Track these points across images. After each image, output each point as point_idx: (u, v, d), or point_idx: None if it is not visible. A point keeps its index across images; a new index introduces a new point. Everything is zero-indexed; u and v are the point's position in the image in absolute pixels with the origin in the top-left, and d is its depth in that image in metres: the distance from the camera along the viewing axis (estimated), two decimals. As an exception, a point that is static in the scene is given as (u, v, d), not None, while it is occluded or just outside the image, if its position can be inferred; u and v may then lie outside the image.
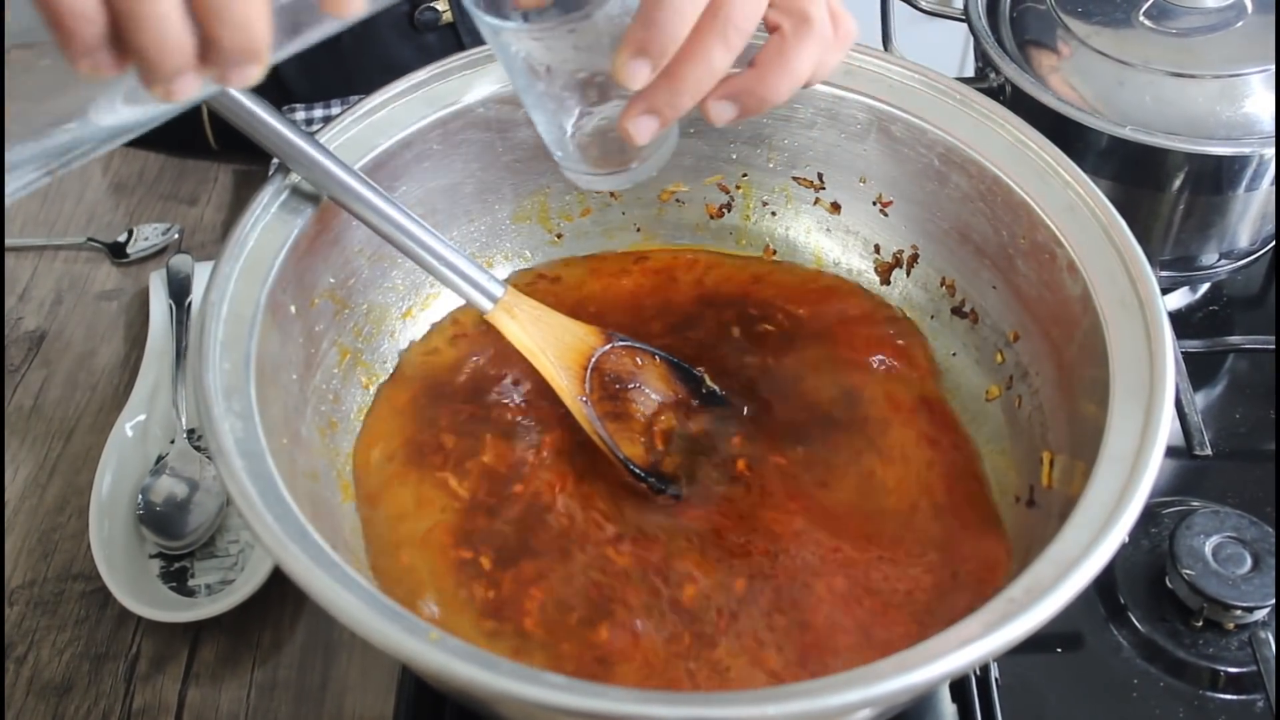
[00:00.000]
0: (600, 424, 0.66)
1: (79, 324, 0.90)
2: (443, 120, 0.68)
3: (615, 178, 0.61)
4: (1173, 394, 0.55)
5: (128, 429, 0.80)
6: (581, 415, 0.66)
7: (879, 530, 0.63)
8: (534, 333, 0.66)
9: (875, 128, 0.70)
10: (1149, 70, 0.80)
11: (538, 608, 0.60)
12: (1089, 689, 0.70)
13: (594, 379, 0.67)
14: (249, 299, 0.59)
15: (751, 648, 0.59)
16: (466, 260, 0.63)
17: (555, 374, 0.66)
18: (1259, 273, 0.92)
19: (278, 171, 0.63)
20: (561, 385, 0.66)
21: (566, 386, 0.66)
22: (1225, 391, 0.85)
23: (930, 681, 0.46)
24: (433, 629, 0.47)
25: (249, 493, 0.51)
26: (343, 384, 0.67)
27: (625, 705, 0.45)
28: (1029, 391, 0.65)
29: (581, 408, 0.66)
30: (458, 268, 0.63)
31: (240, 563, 0.75)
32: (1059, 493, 0.59)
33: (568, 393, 0.66)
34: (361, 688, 0.71)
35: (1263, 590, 0.69)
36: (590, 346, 0.67)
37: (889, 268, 0.74)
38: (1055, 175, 0.64)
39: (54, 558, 0.76)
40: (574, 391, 0.66)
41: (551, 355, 0.66)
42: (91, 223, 0.97)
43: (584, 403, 0.66)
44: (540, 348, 0.66)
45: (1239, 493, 0.78)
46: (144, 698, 0.70)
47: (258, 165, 1.01)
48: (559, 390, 0.66)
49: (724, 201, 0.76)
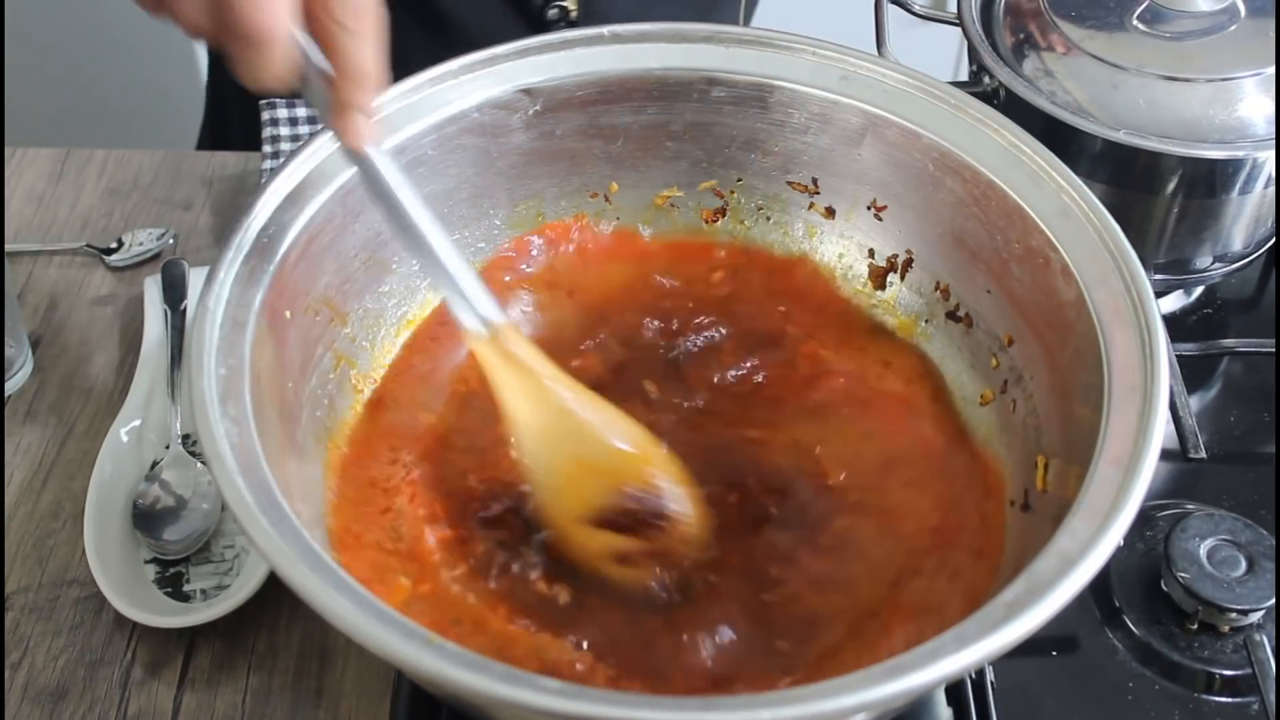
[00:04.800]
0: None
1: (74, 329, 0.90)
2: (438, 125, 0.68)
3: None
4: (1167, 397, 0.55)
5: (122, 434, 0.80)
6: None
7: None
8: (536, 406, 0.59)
9: (869, 133, 0.70)
10: (1143, 74, 0.80)
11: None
12: (1084, 692, 0.70)
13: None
14: (244, 304, 0.59)
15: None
16: (466, 266, 0.60)
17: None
18: (1253, 276, 0.92)
19: (272, 177, 0.63)
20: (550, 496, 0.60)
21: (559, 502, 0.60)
22: (1220, 395, 0.86)
23: (926, 685, 0.46)
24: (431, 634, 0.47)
25: (244, 498, 0.51)
26: (338, 390, 0.67)
27: (621, 709, 0.45)
28: (1023, 395, 0.65)
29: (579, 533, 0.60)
30: (453, 271, 0.59)
31: (235, 568, 0.75)
32: (1054, 496, 0.59)
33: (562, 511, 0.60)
34: (357, 693, 0.71)
35: (1258, 593, 0.69)
36: (619, 478, 0.60)
37: (883, 272, 0.74)
38: (1049, 179, 0.64)
39: (49, 563, 0.76)
40: (571, 512, 0.60)
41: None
42: (86, 228, 0.97)
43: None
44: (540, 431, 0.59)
45: (1234, 496, 0.78)
46: (139, 703, 0.70)
47: (252, 170, 1.01)
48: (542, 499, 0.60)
49: (718, 206, 0.77)
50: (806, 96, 0.71)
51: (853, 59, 0.70)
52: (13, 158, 1.02)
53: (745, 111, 0.72)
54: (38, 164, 1.02)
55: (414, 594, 0.59)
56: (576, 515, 0.60)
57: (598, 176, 0.75)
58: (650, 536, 0.60)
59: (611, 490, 0.60)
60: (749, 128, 0.73)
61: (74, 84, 1.89)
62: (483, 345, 0.60)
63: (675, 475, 0.61)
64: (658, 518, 0.60)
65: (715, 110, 0.73)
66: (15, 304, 0.86)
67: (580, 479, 0.60)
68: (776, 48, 0.71)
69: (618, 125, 0.73)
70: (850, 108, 0.70)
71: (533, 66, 0.70)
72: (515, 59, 0.70)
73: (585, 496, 0.60)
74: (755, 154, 0.74)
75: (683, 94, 0.72)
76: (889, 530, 0.63)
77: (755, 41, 0.71)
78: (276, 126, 0.99)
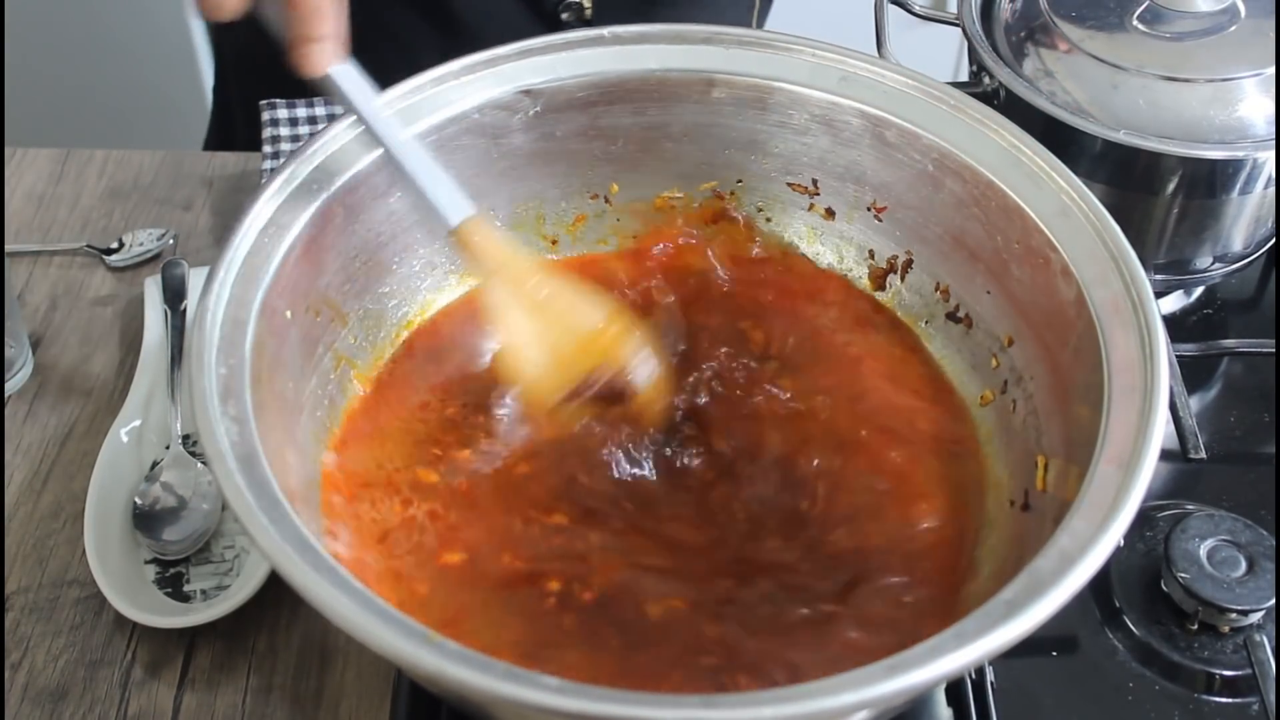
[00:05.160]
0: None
1: (74, 329, 0.90)
2: (438, 126, 0.68)
3: None
4: (1167, 397, 0.55)
5: (122, 434, 0.80)
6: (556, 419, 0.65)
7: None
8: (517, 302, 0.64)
9: (869, 133, 0.70)
10: (1142, 74, 0.80)
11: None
12: (1084, 692, 0.70)
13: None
14: (244, 304, 0.59)
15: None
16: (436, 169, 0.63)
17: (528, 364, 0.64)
18: (1253, 276, 0.92)
19: (272, 176, 0.63)
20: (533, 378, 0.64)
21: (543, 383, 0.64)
22: (1220, 395, 0.86)
23: (925, 684, 0.46)
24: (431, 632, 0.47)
25: (245, 497, 0.51)
26: (338, 390, 0.67)
27: (622, 707, 0.45)
28: (1023, 396, 0.65)
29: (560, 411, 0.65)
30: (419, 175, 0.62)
31: (235, 568, 0.75)
32: (1053, 497, 0.59)
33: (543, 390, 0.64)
34: (357, 693, 0.71)
35: (1258, 593, 0.69)
36: (601, 353, 0.65)
37: (883, 273, 0.74)
38: (1049, 180, 0.64)
39: (49, 563, 0.76)
40: (553, 389, 0.65)
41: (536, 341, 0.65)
42: (86, 228, 0.97)
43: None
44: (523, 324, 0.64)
45: (1234, 496, 0.78)
46: (139, 703, 0.70)
47: (252, 170, 1.01)
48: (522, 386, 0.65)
49: (718, 207, 0.77)
50: (806, 98, 0.71)
51: (852, 60, 0.70)
52: (13, 158, 1.02)
53: (745, 113, 0.72)
54: (38, 164, 1.02)
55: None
56: (557, 388, 0.65)
57: (598, 177, 0.75)
58: (622, 401, 0.66)
59: (586, 363, 0.65)
60: (749, 129, 0.73)
61: (74, 84, 1.89)
62: (456, 237, 0.63)
63: (640, 345, 0.66)
64: (626, 385, 0.65)
65: (715, 111, 0.73)
66: (15, 304, 0.86)
67: (558, 355, 0.65)
68: (776, 49, 0.71)
69: (618, 126, 0.73)
70: (850, 109, 0.70)
71: (533, 67, 0.70)
72: (516, 60, 0.70)
73: (564, 371, 0.65)
74: (755, 155, 0.74)
75: (683, 95, 0.72)
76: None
77: (755, 43, 0.71)
78: (276, 127, 0.99)
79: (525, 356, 0.65)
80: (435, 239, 0.72)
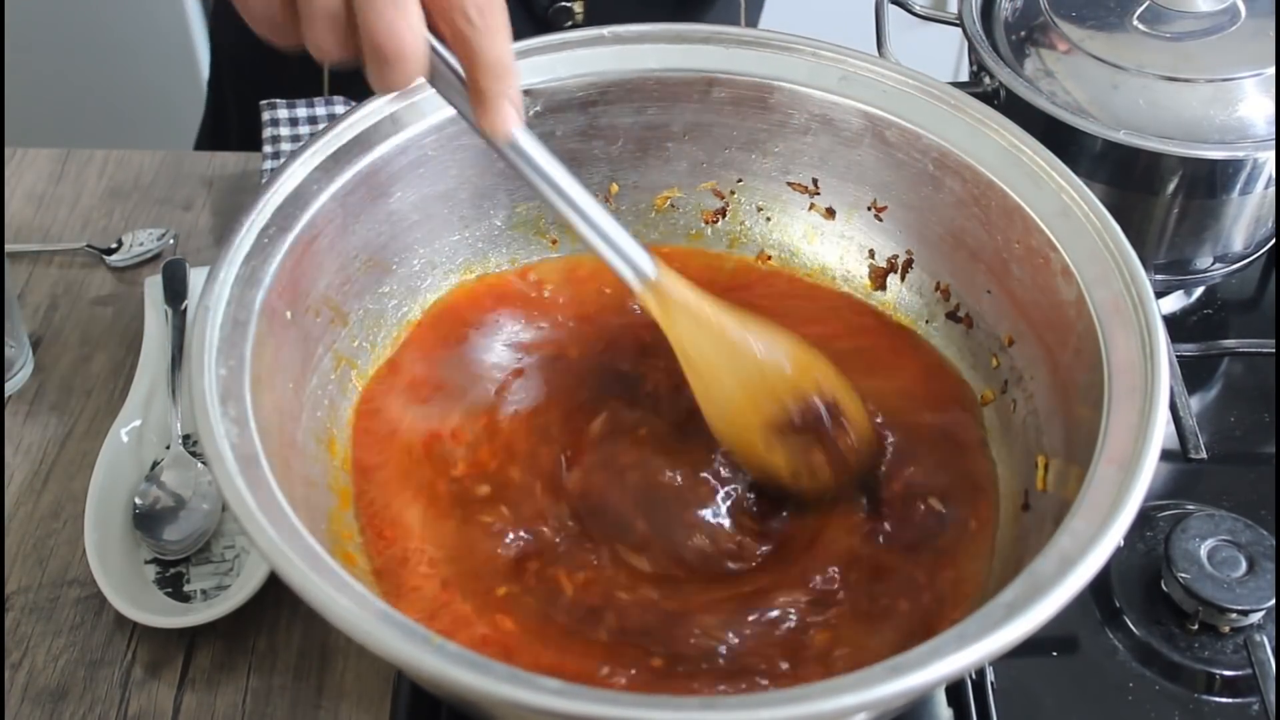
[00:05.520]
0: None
1: (74, 329, 0.90)
2: (439, 125, 0.68)
3: None
4: (1167, 398, 0.55)
5: (123, 434, 0.80)
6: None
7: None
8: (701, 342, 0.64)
9: (869, 133, 0.70)
10: (1143, 74, 0.80)
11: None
12: (1084, 692, 0.70)
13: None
14: (244, 304, 0.59)
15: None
16: (617, 227, 0.62)
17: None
18: (1253, 276, 0.92)
19: (272, 177, 0.63)
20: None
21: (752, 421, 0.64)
22: (1220, 395, 0.86)
23: (926, 685, 0.46)
24: (432, 634, 0.47)
25: (244, 498, 0.51)
26: (339, 391, 0.67)
27: (623, 710, 0.45)
28: (1024, 396, 0.65)
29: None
30: (606, 233, 0.61)
31: (236, 568, 0.75)
32: (1054, 497, 0.59)
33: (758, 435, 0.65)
34: (357, 693, 0.71)
35: (1258, 593, 0.69)
36: (796, 387, 0.64)
37: (884, 273, 0.74)
38: (1049, 179, 0.64)
39: (49, 563, 0.76)
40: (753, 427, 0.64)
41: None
42: (86, 228, 0.97)
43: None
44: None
45: (1234, 496, 0.78)
46: (139, 703, 0.70)
47: (252, 170, 1.01)
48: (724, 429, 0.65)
49: (719, 207, 0.77)
50: (806, 97, 0.71)
51: (853, 59, 0.70)
52: (13, 158, 1.02)
53: (745, 112, 0.72)
54: (38, 164, 1.02)
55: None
56: (752, 428, 0.64)
57: (598, 177, 0.75)
58: (822, 442, 0.64)
59: (777, 402, 0.64)
60: (749, 128, 0.73)
61: (74, 84, 1.89)
62: (643, 295, 0.63)
63: (837, 387, 0.65)
64: (823, 424, 0.64)
65: (715, 111, 0.73)
66: (15, 304, 0.86)
67: (749, 396, 0.64)
68: (776, 48, 0.71)
69: (618, 126, 0.73)
70: (850, 108, 0.70)
71: (533, 67, 0.70)
72: (516, 60, 0.70)
73: (757, 411, 0.64)
74: (755, 154, 0.74)
75: (683, 95, 0.72)
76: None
77: (755, 42, 0.71)
78: (277, 126, 0.99)
79: (723, 397, 0.64)
80: (435, 239, 0.72)
